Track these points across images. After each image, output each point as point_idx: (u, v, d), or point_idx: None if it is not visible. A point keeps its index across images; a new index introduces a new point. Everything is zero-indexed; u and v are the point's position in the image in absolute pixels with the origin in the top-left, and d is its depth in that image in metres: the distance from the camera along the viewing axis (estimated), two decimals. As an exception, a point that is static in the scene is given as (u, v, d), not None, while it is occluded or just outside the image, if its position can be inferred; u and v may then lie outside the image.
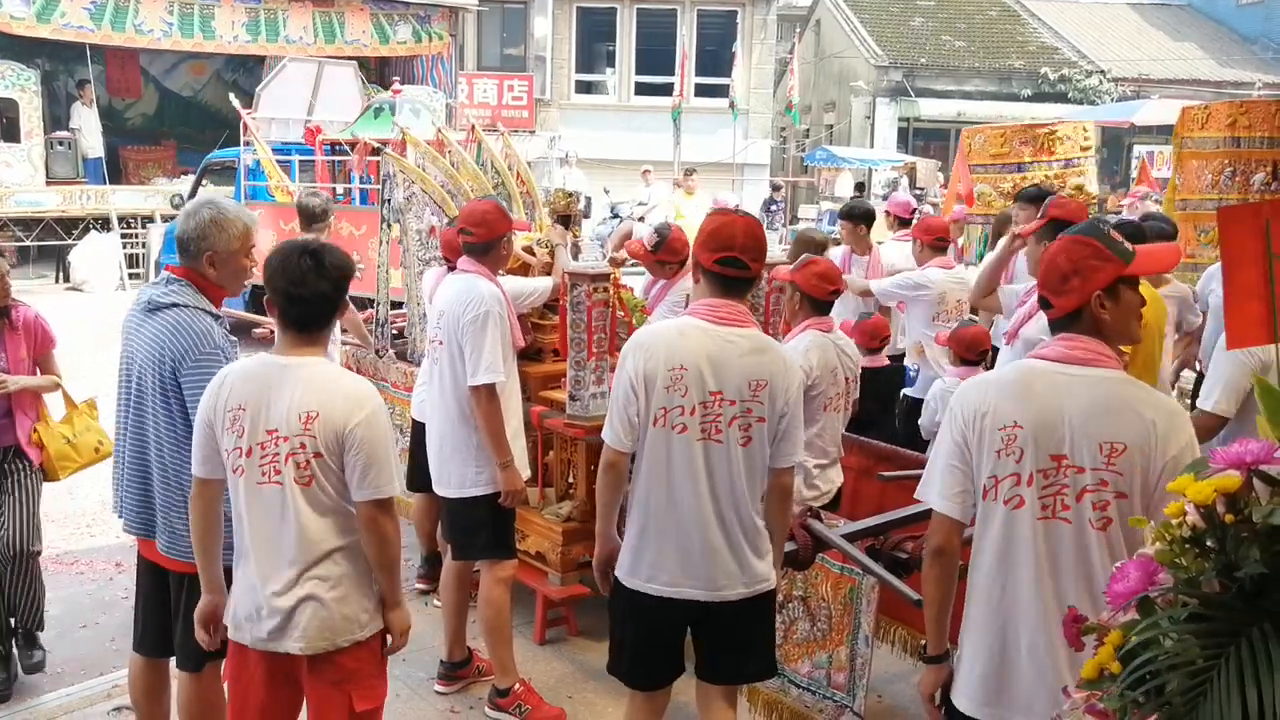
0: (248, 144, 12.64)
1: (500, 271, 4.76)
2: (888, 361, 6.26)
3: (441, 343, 4.46)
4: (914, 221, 8.16)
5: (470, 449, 4.45)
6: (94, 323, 12.46)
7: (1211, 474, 1.58)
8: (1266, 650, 1.40)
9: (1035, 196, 6.64)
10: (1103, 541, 2.48)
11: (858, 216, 7.68)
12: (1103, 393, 2.53)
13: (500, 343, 4.39)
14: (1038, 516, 2.54)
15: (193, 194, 13.75)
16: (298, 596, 3.03)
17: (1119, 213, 11.40)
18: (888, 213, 8.59)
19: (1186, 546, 1.58)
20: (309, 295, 3.04)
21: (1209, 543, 1.56)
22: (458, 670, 4.81)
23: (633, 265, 7.31)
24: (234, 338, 3.61)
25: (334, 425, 2.98)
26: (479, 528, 4.52)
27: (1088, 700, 1.66)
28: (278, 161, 11.64)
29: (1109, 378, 2.57)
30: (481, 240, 4.49)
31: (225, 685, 3.36)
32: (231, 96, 12.68)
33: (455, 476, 4.50)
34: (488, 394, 4.34)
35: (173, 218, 14.10)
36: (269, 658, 3.09)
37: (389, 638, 3.27)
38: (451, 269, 5.02)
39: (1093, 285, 2.57)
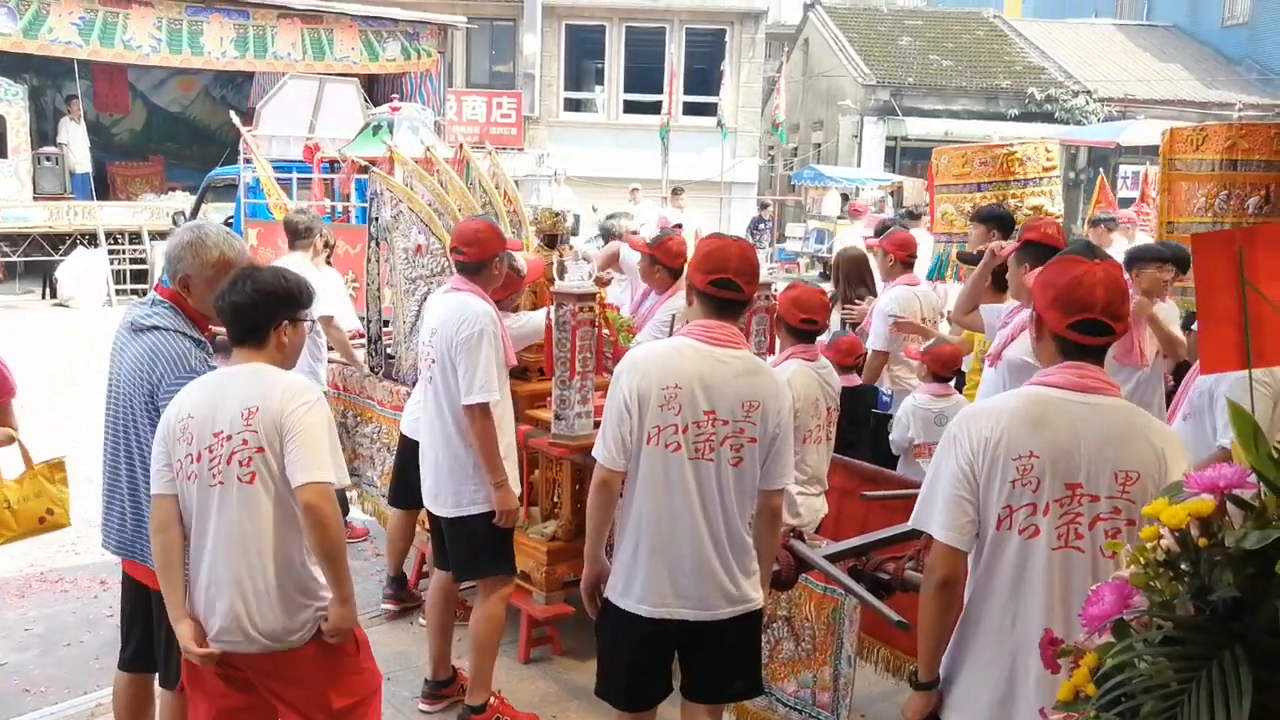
0: (247, 161, 12.57)
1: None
2: (859, 381, 6.20)
3: (434, 361, 4.44)
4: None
5: (467, 468, 4.42)
6: (81, 339, 12.43)
7: (1186, 498, 1.60)
8: (1237, 674, 1.41)
9: (987, 216, 6.58)
10: (1113, 570, 2.48)
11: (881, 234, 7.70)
12: (1115, 421, 2.57)
13: (494, 361, 4.37)
14: (1053, 546, 2.54)
15: (194, 211, 13.63)
16: (242, 601, 3.12)
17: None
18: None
19: (1161, 570, 1.59)
20: (226, 307, 3.24)
21: (1183, 566, 1.58)
22: (442, 689, 4.80)
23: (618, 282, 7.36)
24: (214, 363, 3.62)
25: (272, 415, 3.10)
26: (480, 546, 4.49)
27: (1064, 722, 1.67)
28: (277, 179, 11.60)
29: (1119, 406, 2.62)
30: (473, 260, 4.48)
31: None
32: (232, 114, 12.65)
33: (451, 495, 4.46)
34: (482, 413, 4.32)
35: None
36: (228, 658, 3.18)
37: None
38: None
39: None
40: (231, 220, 13.18)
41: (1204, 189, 7.21)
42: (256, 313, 3.23)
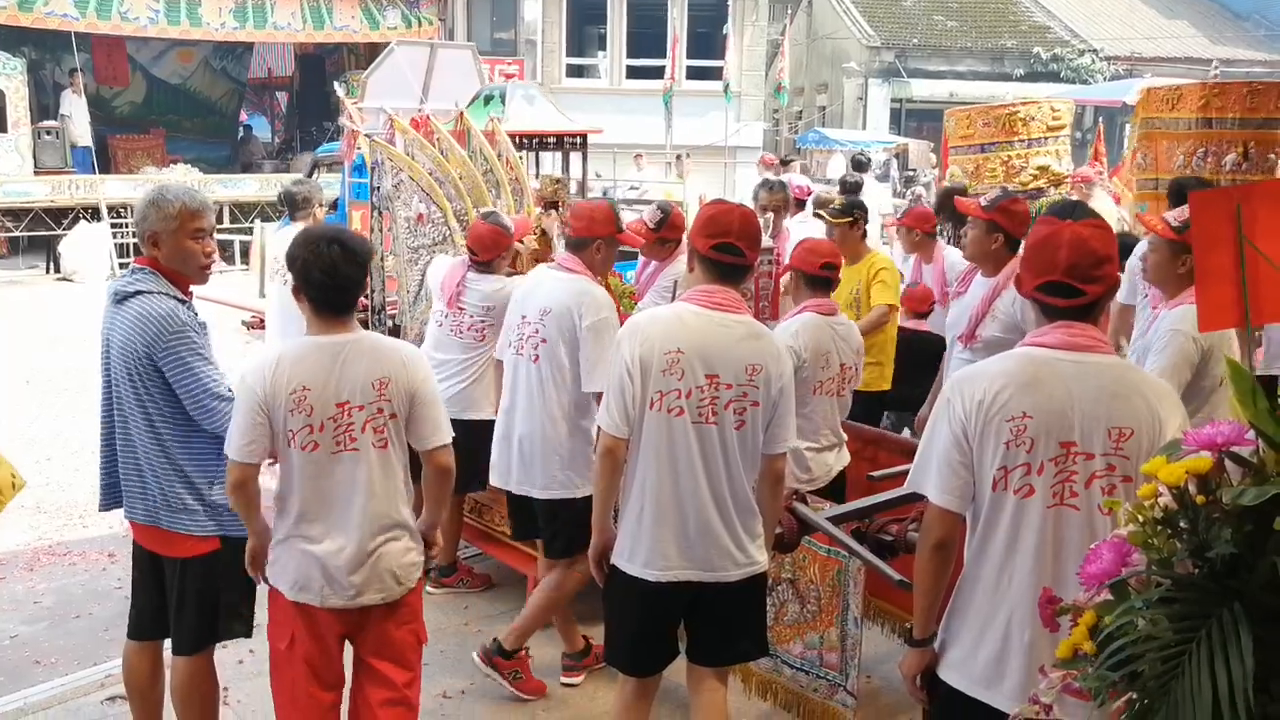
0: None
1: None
2: (928, 328, 6.30)
3: (545, 341, 4.39)
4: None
5: (564, 452, 4.41)
6: (85, 312, 12.45)
7: (1184, 455, 1.59)
8: (1236, 632, 1.41)
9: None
10: (1109, 527, 2.48)
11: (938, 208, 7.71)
12: (1109, 379, 2.56)
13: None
14: (1048, 505, 2.55)
15: None
16: (380, 552, 3.33)
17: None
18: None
19: (1159, 528, 1.59)
20: (344, 281, 3.27)
21: (1181, 524, 1.57)
22: (583, 659, 4.81)
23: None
24: (204, 321, 3.65)
25: (404, 385, 3.32)
26: (562, 528, 4.49)
27: (1064, 679, 1.68)
28: None
29: (1112, 363, 2.61)
30: (579, 235, 4.52)
31: (269, 650, 3.48)
32: (336, 85, 12.39)
33: (542, 478, 4.45)
34: None
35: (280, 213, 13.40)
36: (338, 616, 3.34)
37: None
38: (477, 263, 5.04)
39: (1115, 269, 2.62)
40: (337, 201, 12.82)
41: (1182, 147, 7.32)
42: (364, 280, 3.38)
